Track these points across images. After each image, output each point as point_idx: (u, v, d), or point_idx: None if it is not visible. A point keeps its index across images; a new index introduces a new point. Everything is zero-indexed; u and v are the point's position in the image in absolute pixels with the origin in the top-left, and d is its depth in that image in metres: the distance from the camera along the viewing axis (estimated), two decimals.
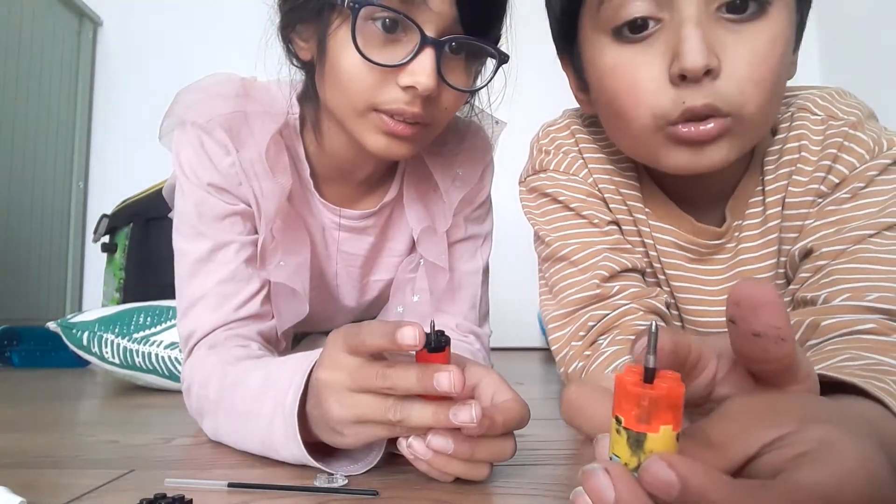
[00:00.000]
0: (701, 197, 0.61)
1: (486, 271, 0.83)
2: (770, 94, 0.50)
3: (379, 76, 0.58)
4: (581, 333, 0.58)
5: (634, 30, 0.51)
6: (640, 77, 0.51)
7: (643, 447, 0.24)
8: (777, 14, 0.49)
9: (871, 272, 0.50)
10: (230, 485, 0.44)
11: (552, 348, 0.62)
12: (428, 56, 0.57)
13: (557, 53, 0.63)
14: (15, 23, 1.63)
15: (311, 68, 0.66)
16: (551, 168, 0.65)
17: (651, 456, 0.24)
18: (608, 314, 0.56)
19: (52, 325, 1.01)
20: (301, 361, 0.49)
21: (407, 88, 0.57)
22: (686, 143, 0.51)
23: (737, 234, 0.60)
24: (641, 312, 0.55)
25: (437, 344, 0.41)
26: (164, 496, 0.40)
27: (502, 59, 0.63)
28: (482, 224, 0.82)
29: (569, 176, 0.64)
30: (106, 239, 1.39)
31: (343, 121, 0.64)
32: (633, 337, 0.51)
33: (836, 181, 0.55)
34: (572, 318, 0.59)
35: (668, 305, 0.58)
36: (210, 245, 0.67)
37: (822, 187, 0.56)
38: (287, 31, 0.65)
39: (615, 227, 0.62)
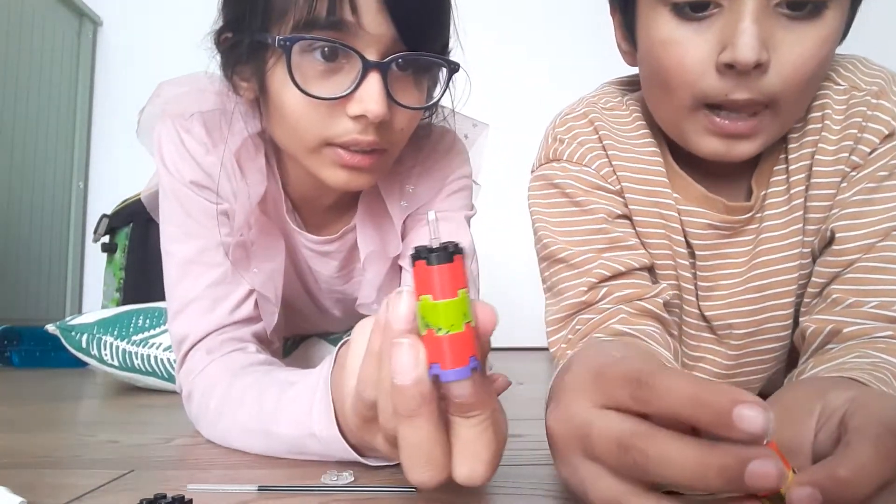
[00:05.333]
0: (724, 171, 0.61)
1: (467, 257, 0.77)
2: (809, 90, 0.53)
3: (326, 109, 0.56)
4: (570, 337, 0.58)
5: (695, 8, 0.51)
6: (688, 57, 0.52)
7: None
8: (831, 16, 0.50)
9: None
10: (260, 488, 0.44)
11: (550, 350, 0.62)
12: (374, 81, 0.54)
13: (609, 1, 0.63)
14: (15, 23, 1.63)
15: (258, 105, 0.64)
16: (564, 158, 0.63)
17: (790, 488, 0.27)
18: (593, 318, 0.56)
19: (50, 328, 1.00)
20: (313, 391, 0.48)
21: (357, 118, 0.55)
22: (720, 134, 0.53)
23: (763, 203, 0.61)
24: (624, 315, 0.54)
25: (444, 254, 0.29)
26: (164, 496, 0.40)
27: (452, 68, 0.60)
28: (458, 208, 0.75)
29: (581, 167, 0.62)
30: (106, 239, 1.40)
31: (298, 159, 0.62)
32: (610, 338, 0.51)
33: (866, 151, 0.56)
34: (565, 323, 0.60)
35: (666, 304, 0.58)
36: (198, 245, 0.65)
37: (854, 157, 0.56)
38: (227, 71, 0.63)
39: (625, 221, 0.62)
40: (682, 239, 0.62)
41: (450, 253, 0.28)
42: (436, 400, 0.30)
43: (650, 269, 0.62)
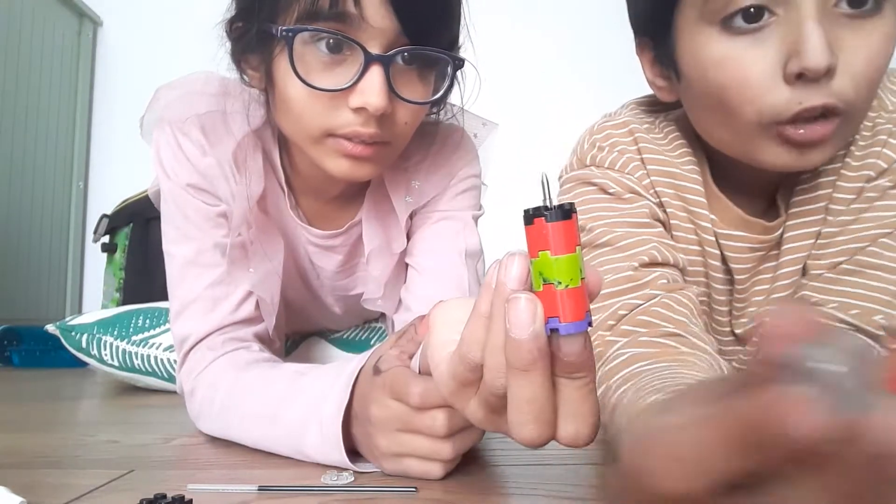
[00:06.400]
0: (752, 188, 0.60)
1: (473, 257, 0.74)
2: (875, 92, 0.50)
3: (328, 101, 0.56)
4: (610, 322, 0.54)
5: (748, 18, 0.48)
6: (751, 72, 0.48)
7: None
8: (891, 10, 0.48)
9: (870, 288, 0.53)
10: (260, 488, 0.44)
11: None
12: (375, 74, 0.54)
13: (635, 37, 0.60)
14: (15, 23, 1.63)
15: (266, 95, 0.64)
16: (605, 165, 0.61)
17: None
18: (640, 305, 0.53)
19: (50, 328, 1.00)
20: (334, 379, 0.50)
21: (358, 110, 0.55)
22: (793, 144, 0.50)
23: (787, 219, 0.59)
24: (669, 312, 0.52)
25: (563, 211, 0.28)
26: (164, 496, 0.40)
27: (456, 63, 0.60)
28: (466, 208, 0.75)
29: (623, 174, 0.60)
30: (106, 239, 1.39)
31: (301, 147, 0.62)
32: (657, 339, 0.50)
33: (874, 174, 0.55)
34: (603, 306, 0.55)
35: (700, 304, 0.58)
36: (196, 247, 0.66)
37: (868, 182, 0.55)
38: (237, 58, 0.63)
39: (662, 229, 0.60)
40: (720, 264, 0.60)
41: (567, 210, 0.28)
42: (549, 356, 0.29)
43: (682, 272, 0.59)
